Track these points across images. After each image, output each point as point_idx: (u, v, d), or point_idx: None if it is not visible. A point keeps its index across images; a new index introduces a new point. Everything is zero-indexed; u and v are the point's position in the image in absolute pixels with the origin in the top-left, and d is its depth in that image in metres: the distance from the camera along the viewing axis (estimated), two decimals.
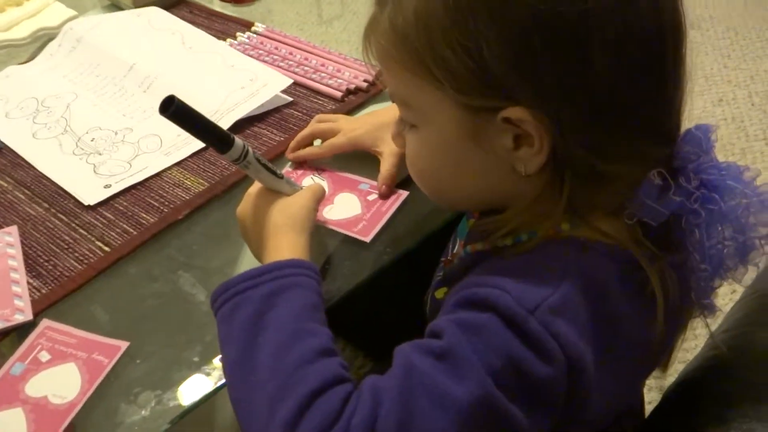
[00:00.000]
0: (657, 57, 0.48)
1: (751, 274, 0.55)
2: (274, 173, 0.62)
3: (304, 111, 0.87)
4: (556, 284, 0.47)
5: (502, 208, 0.54)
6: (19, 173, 0.79)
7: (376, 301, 0.94)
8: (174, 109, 0.54)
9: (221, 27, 1.07)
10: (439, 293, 0.61)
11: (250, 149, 0.60)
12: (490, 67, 0.45)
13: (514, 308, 0.45)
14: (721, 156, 0.53)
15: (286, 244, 0.59)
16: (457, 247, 0.64)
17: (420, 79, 0.48)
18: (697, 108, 1.85)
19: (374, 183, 0.73)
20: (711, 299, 0.55)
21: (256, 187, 0.63)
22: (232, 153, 0.58)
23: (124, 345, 0.58)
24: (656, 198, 0.49)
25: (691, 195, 0.49)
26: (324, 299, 0.57)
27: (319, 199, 0.65)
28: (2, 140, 0.84)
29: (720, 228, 0.51)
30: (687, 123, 0.53)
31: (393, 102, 0.53)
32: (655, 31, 0.47)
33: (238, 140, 0.58)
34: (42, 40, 1.06)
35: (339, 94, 0.89)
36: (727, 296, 0.97)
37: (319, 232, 0.69)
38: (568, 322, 0.46)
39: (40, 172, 0.79)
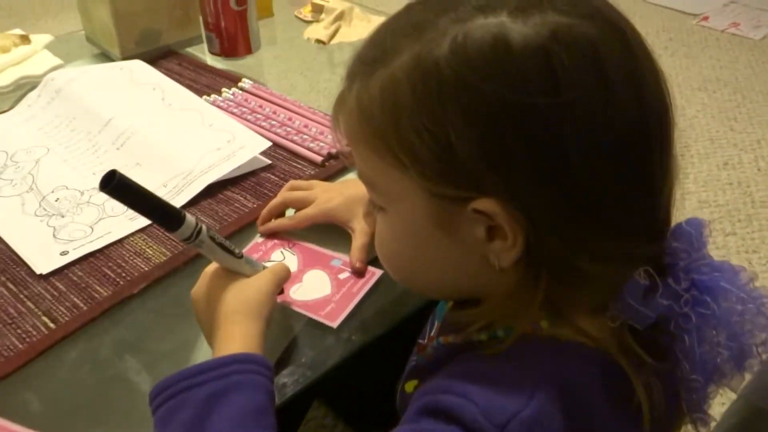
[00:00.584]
0: (641, 150, 0.44)
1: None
2: (231, 253, 0.58)
3: (282, 175, 0.83)
4: (529, 394, 0.42)
5: (476, 299, 0.49)
6: None
7: (356, 370, 0.89)
8: (115, 185, 0.49)
9: (208, 81, 1.04)
10: (409, 386, 0.56)
11: (204, 227, 0.55)
12: (458, 155, 0.42)
13: (481, 423, 0.41)
14: (726, 222, 0.49)
15: (238, 333, 0.54)
16: (434, 329, 0.59)
17: (385, 162, 0.45)
18: (703, 171, 1.83)
19: (347, 259, 0.69)
20: (705, 410, 0.50)
21: (213, 266, 0.59)
22: (182, 231, 0.54)
23: None
24: (642, 299, 0.44)
25: (680, 297, 0.45)
26: (278, 395, 0.52)
27: (281, 281, 0.60)
28: None
29: (714, 332, 0.46)
30: (692, 186, 0.48)
31: (361, 182, 0.50)
32: (638, 123, 0.43)
33: (190, 217, 0.54)
34: (25, 88, 1.03)
35: (319, 159, 0.85)
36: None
37: (283, 313, 0.64)
38: None
39: None
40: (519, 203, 0.42)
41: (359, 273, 0.67)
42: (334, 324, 0.63)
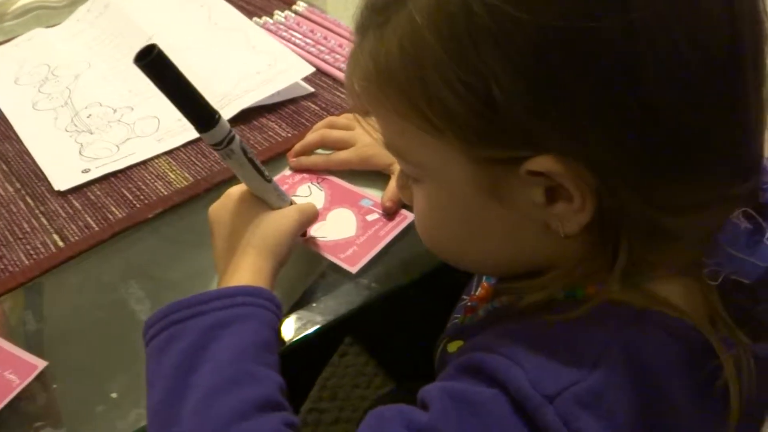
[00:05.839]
0: (731, 75, 0.35)
1: None
2: (261, 174, 0.52)
3: (323, 104, 0.76)
4: (590, 365, 0.36)
5: (538, 271, 0.42)
6: (5, 146, 0.73)
7: (396, 316, 0.84)
8: (152, 60, 0.43)
9: (261, 3, 0.97)
10: (453, 346, 0.49)
11: (238, 138, 0.50)
12: (503, 108, 0.34)
13: (527, 390, 0.35)
14: None
15: (248, 267, 0.50)
16: (479, 288, 0.52)
17: (415, 126, 0.37)
18: None
19: (378, 200, 0.62)
20: None
21: (239, 189, 0.54)
22: (214, 134, 0.48)
23: (41, 365, 0.50)
24: (746, 246, 0.36)
25: None
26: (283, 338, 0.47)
27: (306, 223, 0.55)
28: (1, 109, 0.78)
29: None
30: None
31: (389, 152, 0.42)
32: (729, 43, 0.34)
33: (225, 122, 0.48)
34: (79, 4, 1.01)
35: None
36: None
37: (303, 253, 0.58)
38: (599, 418, 0.35)
39: (25, 147, 0.72)
40: (584, 157, 0.34)
41: (389, 213, 0.61)
42: (354, 269, 0.57)
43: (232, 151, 0.49)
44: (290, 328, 0.53)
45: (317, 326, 0.52)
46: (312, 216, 0.55)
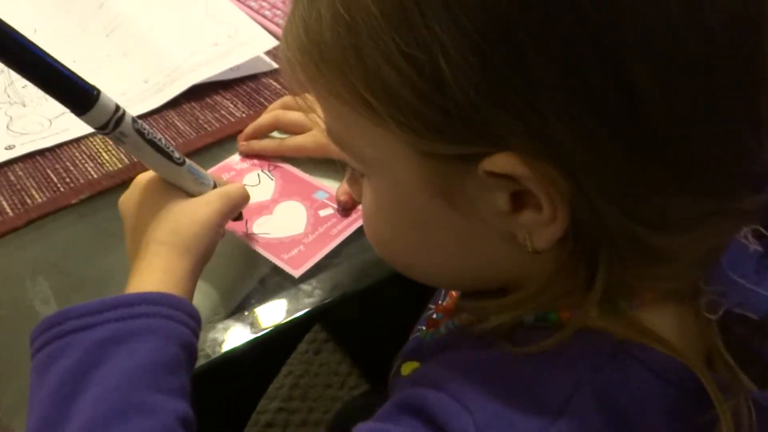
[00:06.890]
0: (741, 62, 0.28)
1: None
2: (168, 156, 0.43)
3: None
4: (554, 412, 0.30)
5: (500, 290, 0.35)
6: None
7: (374, 311, 0.77)
8: None
9: None
10: (406, 368, 0.43)
11: (130, 116, 0.41)
12: (453, 90, 0.27)
13: None
14: None
15: (157, 268, 0.42)
16: (447, 298, 0.45)
17: (352, 109, 0.30)
18: None
19: (334, 193, 0.55)
20: None
21: (146, 175, 0.46)
22: (93, 116, 0.39)
23: None
24: (754, 273, 0.31)
25: None
26: (199, 357, 0.40)
27: (232, 209, 0.47)
28: None
29: None
30: None
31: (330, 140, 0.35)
32: (739, 21, 0.27)
33: (108, 98, 0.40)
34: None
35: None
36: None
37: (240, 248, 0.51)
38: None
39: None
40: (554, 156, 0.27)
41: (344, 209, 0.53)
42: (296, 272, 0.49)
43: (124, 134, 0.40)
44: (216, 341, 0.45)
45: (241, 344, 0.45)
46: (239, 199, 0.47)
